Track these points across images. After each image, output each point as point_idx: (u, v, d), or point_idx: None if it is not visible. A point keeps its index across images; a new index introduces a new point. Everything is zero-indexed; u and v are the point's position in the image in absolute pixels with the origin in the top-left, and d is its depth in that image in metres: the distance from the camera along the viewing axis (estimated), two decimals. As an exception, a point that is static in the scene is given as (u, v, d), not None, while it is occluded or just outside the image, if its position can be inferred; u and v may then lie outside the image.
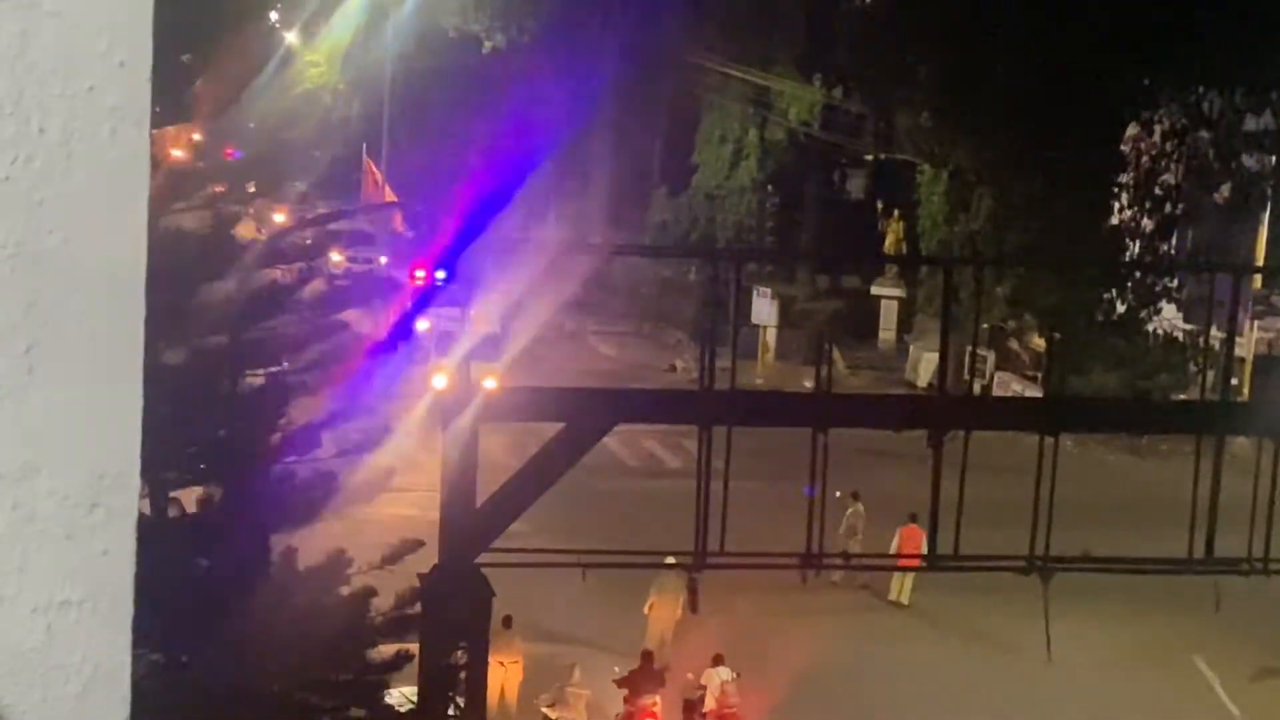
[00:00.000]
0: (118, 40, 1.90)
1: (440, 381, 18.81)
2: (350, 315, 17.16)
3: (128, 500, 1.98)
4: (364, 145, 61.35)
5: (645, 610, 26.89)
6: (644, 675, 24.67)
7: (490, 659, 22.13)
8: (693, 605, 21.89)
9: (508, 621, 24.13)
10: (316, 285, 17.00)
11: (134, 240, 1.95)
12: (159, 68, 1.96)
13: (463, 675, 18.68)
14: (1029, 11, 43.84)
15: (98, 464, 1.94)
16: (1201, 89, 46.39)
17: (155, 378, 2.01)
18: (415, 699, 17.95)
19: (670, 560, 22.32)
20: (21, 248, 1.87)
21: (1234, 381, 23.39)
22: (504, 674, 24.47)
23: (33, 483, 1.90)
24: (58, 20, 1.87)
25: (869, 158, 62.84)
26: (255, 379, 16.11)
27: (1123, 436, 38.09)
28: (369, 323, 21.77)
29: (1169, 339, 46.40)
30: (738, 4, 53.34)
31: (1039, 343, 46.37)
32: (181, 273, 14.15)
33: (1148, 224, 47.32)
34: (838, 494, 19.81)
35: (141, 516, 2.04)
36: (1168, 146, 47.22)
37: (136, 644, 2.02)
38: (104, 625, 1.96)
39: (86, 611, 1.94)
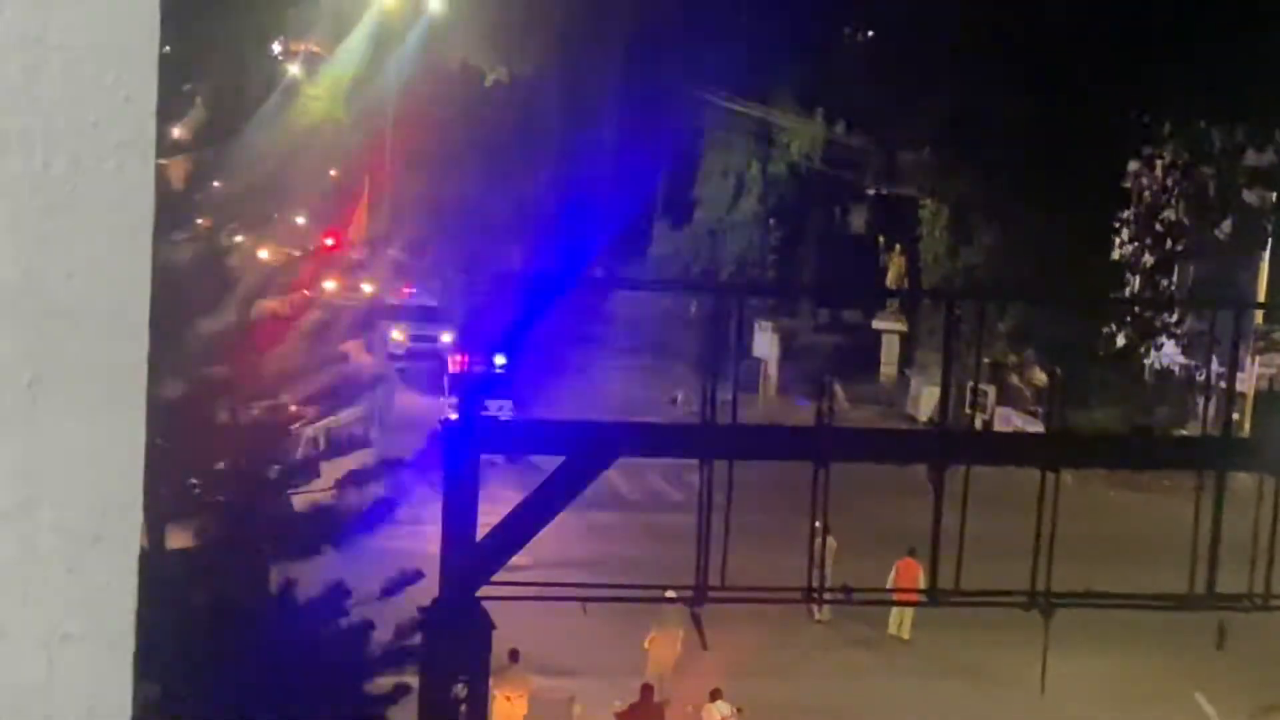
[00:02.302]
0: (124, 75, 1.91)
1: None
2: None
3: (130, 534, 1.97)
4: (365, 179, 61.48)
5: (645, 644, 26.84)
6: (644, 709, 24.60)
7: (496, 693, 22.09)
8: (702, 641, 21.84)
9: (514, 655, 24.07)
10: (315, 316, 17.03)
11: (138, 274, 1.95)
12: (161, 99, 1.97)
13: (462, 709, 18.63)
14: (1031, 47, 43.95)
15: (100, 497, 1.94)
16: (1203, 125, 46.48)
17: (154, 409, 2.01)
18: (414, 732, 17.89)
19: (670, 594, 22.28)
20: (26, 282, 1.87)
21: (1235, 417, 23.40)
22: (509, 708, 24.40)
23: (35, 516, 1.90)
24: (63, 54, 1.87)
25: (871, 192, 62.98)
26: (255, 410, 16.11)
27: (1124, 472, 38.04)
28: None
29: (1169, 374, 46.40)
30: (740, 39, 53.48)
31: (1040, 377, 46.36)
32: (180, 304, 14.16)
33: (1149, 259, 47.39)
34: (817, 524, 19.74)
35: (140, 549, 2.05)
36: (1169, 182, 47.31)
37: (135, 676, 2.02)
38: (106, 659, 1.96)
39: (88, 645, 1.94)
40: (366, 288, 53.93)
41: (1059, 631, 20.99)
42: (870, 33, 59.75)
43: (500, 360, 27.53)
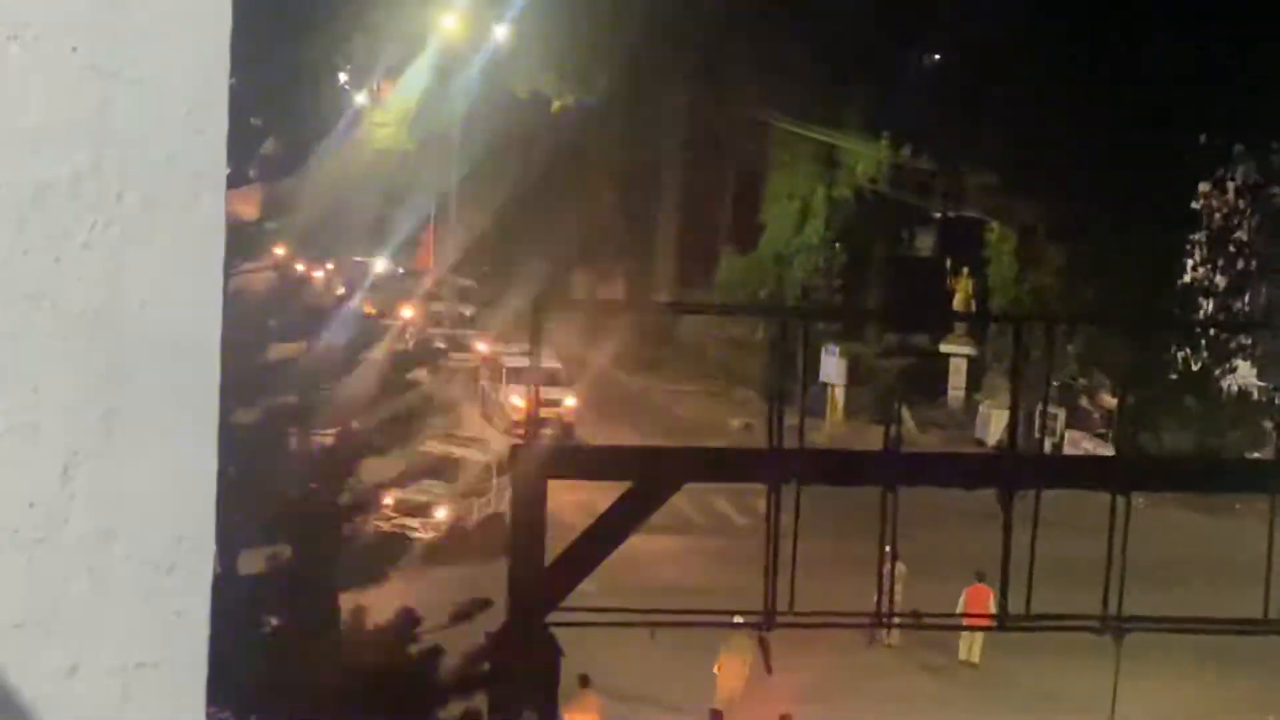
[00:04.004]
0: (196, 108, 1.93)
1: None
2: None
3: (203, 562, 1.99)
4: (432, 208, 61.69)
5: (714, 670, 26.79)
6: (713, 735, 24.56)
7: (566, 718, 22.08)
8: (766, 666, 21.82)
9: (585, 680, 24.07)
10: (386, 345, 17.11)
11: (210, 305, 1.97)
12: (232, 132, 1.99)
13: (531, 735, 18.61)
14: (1099, 68, 43.76)
15: (174, 526, 1.96)
16: (1275, 145, 46.15)
17: (226, 437, 2.03)
18: (484, 758, 17.89)
19: (739, 620, 22.24)
20: (100, 313, 1.89)
21: (1308, 439, 23.26)
22: (579, 733, 24.41)
23: (110, 545, 1.92)
24: (138, 88, 1.90)
25: (937, 215, 62.75)
26: (325, 438, 16.19)
27: (1195, 495, 37.71)
28: None
29: (1243, 396, 46.02)
30: (805, 63, 53.46)
31: (1110, 401, 46.06)
32: (252, 333, 14.25)
33: (1221, 281, 47.03)
34: (886, 549, 19.67)
35: (212, 576, 2.06)
36: (1240, 203, 46.97)
37: (209, 704, 2.03)
38: (179, 687, 1.97)
39: (162, 674, 1.95)
40: (481, 346, 52.01)
41: (1131, 656, 20.84)
42: (936, 56, 59.61)
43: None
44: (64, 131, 1.87)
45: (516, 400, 44.58)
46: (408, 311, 49.45)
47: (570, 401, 43.98)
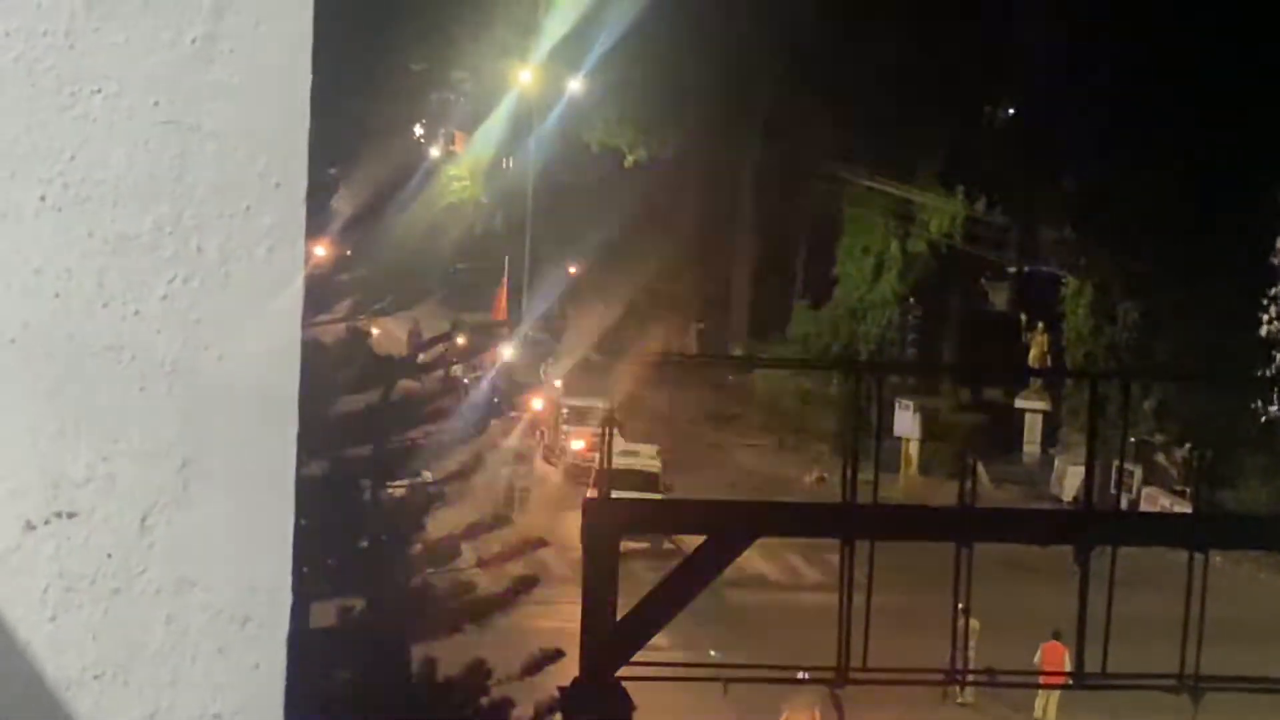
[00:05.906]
0: (274, 161, 1.94)
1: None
2: None
3: (279, 614, 1.99)
4: (505, 259, 61.90)
5: (782, 725, 26.62)
6: (784, 792, 24.38)
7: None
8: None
9: (653, 737, 23.96)
10: (457, 397, 17.17)
11: (288, 357, 1.98)
12: (309, 184, 2.00)
13: (602, 789, 18.51)
14: (1175, 122, 43.57)
15: (250, 578, 1.96)
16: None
17: (297, 488, 2.04)
18: (554, 813, 17.82)
19: (802, 675, 22.09)
20: (178, 365, 1.90)
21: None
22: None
23: (186, 596, 1.92)
24: (216, 141, 1.91)
25: (1012, 269, 62.49)
26: (396, 489, 16.24)
27: (1276, 554, 37.27)
28: None
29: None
30: (879, 117, 53.46)
31: (1187, 457, 45.66)
32: (323, 384, 14.32)
33: (1297, 335, 46.69)
34: (960, 605, 19.50)
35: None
36: (1318, 257, 46.66)
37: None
38: (254, 740, 1.97)
39: (237, 726, 1.95)
40: (643, 456, 41.67)
41: (1209, 716, 20.58)
42: (1011, 110, 59.48)
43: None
44: (144, 185, 1.89)
45: (576, 444, 44.75)
46: (539, 403, 48.47)
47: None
